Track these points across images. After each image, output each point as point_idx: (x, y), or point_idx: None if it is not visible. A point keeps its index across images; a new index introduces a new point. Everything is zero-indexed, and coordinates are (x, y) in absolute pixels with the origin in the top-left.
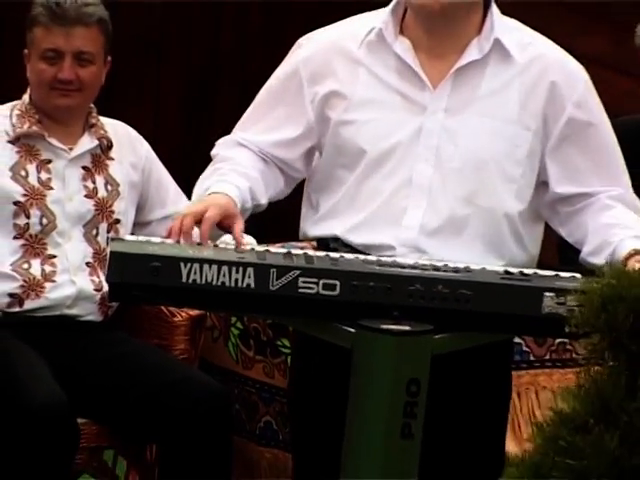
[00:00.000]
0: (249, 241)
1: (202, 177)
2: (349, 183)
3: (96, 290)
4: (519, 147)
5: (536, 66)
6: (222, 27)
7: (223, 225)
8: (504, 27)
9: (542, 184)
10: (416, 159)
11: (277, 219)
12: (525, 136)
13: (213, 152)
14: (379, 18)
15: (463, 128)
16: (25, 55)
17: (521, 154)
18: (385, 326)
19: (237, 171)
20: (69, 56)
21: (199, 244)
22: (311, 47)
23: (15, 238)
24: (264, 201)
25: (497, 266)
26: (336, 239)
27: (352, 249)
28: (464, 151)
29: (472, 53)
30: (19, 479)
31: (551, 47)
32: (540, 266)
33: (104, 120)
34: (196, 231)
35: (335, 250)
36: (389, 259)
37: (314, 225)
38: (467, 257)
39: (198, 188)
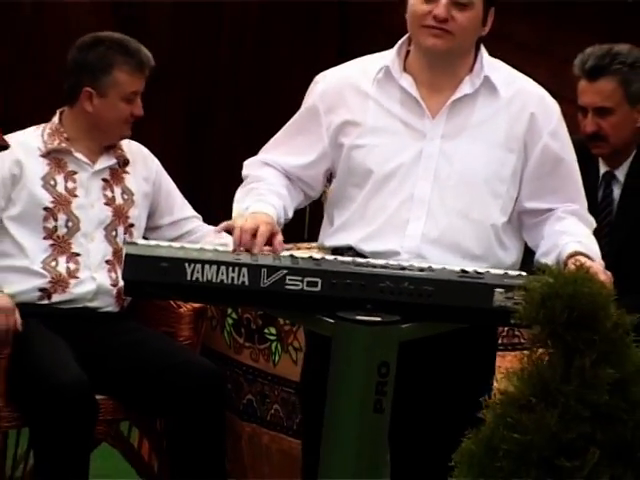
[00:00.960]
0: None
1: (240, 194)
2: (359, 200)
3: (113, 285)
4: (504, 168)
5: (518, 100)
6: (219, 60)
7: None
8: (492, 66)
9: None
10: (417, 178)
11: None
12: (510, 158)
13: (244, 173)
14: (386, 58)
15: (458, 151)
16: (88, 92)
17: (506, 173)
18: (360, 317)
19: (271, 191)
20: (139, 95)
21: (202, 248)
22: (327, 83)
23: (44, 239)
24: (291, 214)
25: (491, 269)
26: (349, 248)
27: (363, 256)
28: (458, 171)
29: (465, 88)
30: (47, 449)
31: (531, 84)
32: None
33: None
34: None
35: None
36: (363, 260)
37: (330, 237)
38: (460, 262)
39: (238, 205)
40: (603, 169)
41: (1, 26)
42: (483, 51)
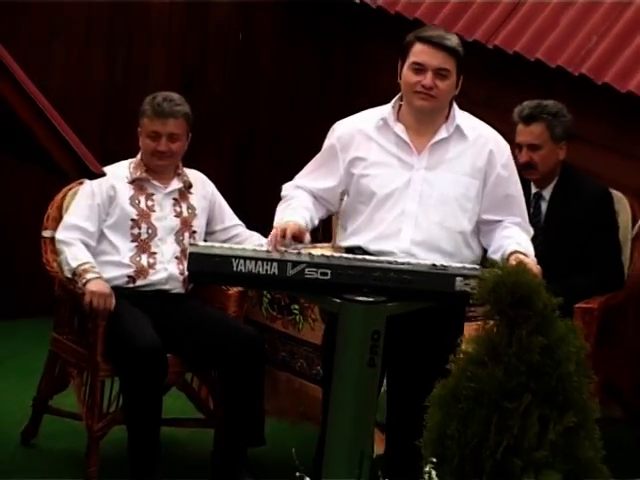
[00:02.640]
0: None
1: (279, 209)
2: (366, 213)
3: (180, 274)
4: (470, 190)
5: (480, 141)
6: (257, 110)
7: (296, 238)
8: (461, 116)
9: None
10: (407, 198)
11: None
12: (474, 183)
13: (283, 193)
14: (385, 111)
15: (437, 179)
16: (139, 132)
17: (471, 195)
18: (358, 298)
19: (302, 206)
20: (164, 136)
21: (244, 248)
22: (342, 129)
23: (131, 241)
24: (317, 222)
25: (454, 263)
26: (359, 248)
27: (369, 254)
28: (437, 193)
29: (442, 133)
30: (131, 393)
31: (489, 130)
32: None
33: (186, 170)
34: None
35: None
36: (361, 256)
37: (345, 240)
38: (438, 258)
39: (277, 217)
40: (534, 190)
41: (97, 84)
42: (455, 105)
